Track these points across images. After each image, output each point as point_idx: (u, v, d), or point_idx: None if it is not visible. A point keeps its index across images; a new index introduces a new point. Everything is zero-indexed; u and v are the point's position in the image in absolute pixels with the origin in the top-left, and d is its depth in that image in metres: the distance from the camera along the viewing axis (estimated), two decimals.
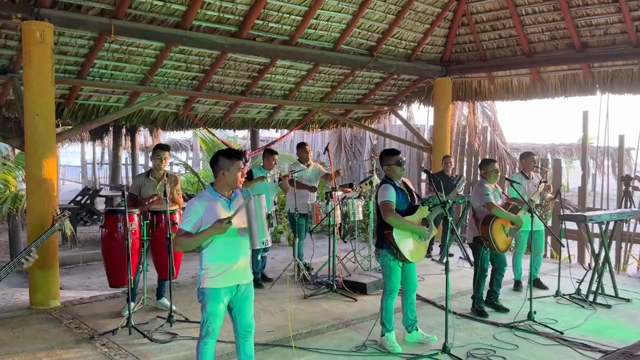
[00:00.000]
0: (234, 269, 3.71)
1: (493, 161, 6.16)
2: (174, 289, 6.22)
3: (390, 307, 4.93)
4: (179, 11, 6.99)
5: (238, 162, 3.73)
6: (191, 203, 3.72)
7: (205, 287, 3.69)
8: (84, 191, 15.57)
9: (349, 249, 8.37)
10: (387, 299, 4.92)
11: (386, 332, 4.93)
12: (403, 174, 4.97)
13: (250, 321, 3.86)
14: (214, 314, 3.67)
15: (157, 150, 6.04)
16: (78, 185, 23.70)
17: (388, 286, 4.91)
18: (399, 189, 4.89)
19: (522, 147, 17.21)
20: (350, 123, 11.50)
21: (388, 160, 4.93)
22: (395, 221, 4.72)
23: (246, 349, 3.88)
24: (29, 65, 5.89)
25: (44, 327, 5.39)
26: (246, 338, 3.86)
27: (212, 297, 3.67)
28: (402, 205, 4.85)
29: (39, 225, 5.97)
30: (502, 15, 9.11)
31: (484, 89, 10.42)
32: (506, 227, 5.85)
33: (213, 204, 3.68)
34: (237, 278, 3.74)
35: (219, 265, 3.68)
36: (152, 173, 6.05)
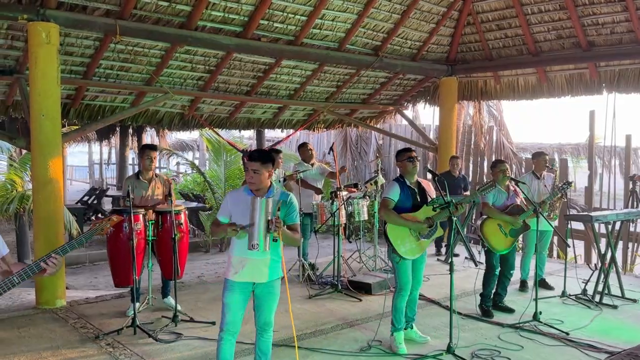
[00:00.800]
0: (248, 264, 3.76)
1: (501, 162, 6.12)
2: (179, 289, 6.23)
3: (401, 306, 4.92)
4: (184, 12, 7.01)
5: (247, 162, 3.86)
6: (226, 195, 4.14)
7: (225, 278, 3.86)
8: (91, 191, 15.63)
9: (354, 249, 8.37)
10: (397, 296, 4.92)
11: (395, 332, 4.93)
12: (415, 170, 4.96)
13: (268, 319, 3.89)
14: (228, 305, 3.77)
15: (146, 151, 5.99)
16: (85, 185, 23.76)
17: (398, 283, 4.94)
18: (406, 187, 4.90)
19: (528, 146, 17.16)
20: (355, 123, 11.49)
21: (401, 156, 4.99)
22: (386, 216, 4.82)
23: (262, 345, 3.94)
24: (34, 66, 5.92)
25: (49, 327, 5.42)
26: (262, 335, 3.92)
27: (228, 289, 3.81)
28: (406, 203, 4.87)
29: (44, 225, 6.02)
30: (508, 15, 9.07)
31: (490, 88, 10.39)
32: (504, 228, 5.83)
33: (240, 198, 3.81)
34: (252, 275, 3.77)
35: (239, 259, 3.79)
36: (141, 174, 6.00)
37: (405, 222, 4.81)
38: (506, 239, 5.86)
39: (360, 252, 8.06)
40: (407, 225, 4.81)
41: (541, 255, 7.02)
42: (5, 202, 8.39)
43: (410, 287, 4.99)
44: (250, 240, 3.62)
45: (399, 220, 4.81)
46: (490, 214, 5.82)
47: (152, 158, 5.97)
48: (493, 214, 5.82)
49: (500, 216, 5.82)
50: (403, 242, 4.82)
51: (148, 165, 5.94)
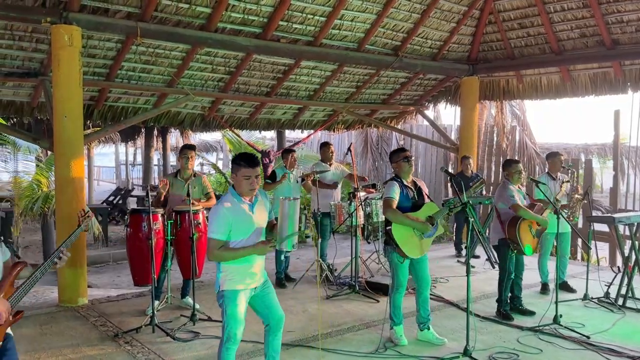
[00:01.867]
0: (252, 271, 3.72)
1: (516, 162, 6.04)
2: (198, 288, 6.29)
3: (398, 302, 5.04)
4: (204, 14, 7.08)
5: (244, 170, 3.61)
6: (219, 210, 3.61)
7: (225, 290, 3.68)
8: (117, 191, 15.89)
9: (372, 250, 8.35)
10: (394, 294, 5.03)
11: (394, 326, 5.06)
12: (411, 170, 5.03)
13: (281, 313, 3.88)
14: (234, 316, 3.66)
15: (184, 150, 6.18)
16: (112, 186, 24.18)
17: (395, 282, 5.01)
18: (404, 187, 4.96)
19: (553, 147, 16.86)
20: (375, 123, 11.46)
21: (396, 157, 5.04)
22: (393, 216, 4.82)
23: (275, 344, 3.88)
24: (57, 68, 6.04)
25: (70, 325, 5.53)
26: (277, 333, 3.87)
27: (232, 299, 3.66)
28: (406, 202, 4.92)
29: (67, 224, 6.12)
30: (530, 13, 8.96)
31: (512, 87, 10.27)
32: (532, 228, 5.75)
33: (239, 208, 3.65)
34: (254, 280, 3.76)
35: (238, 268, 3.67)
36: (180, 173, 6.15)
37: (411, 222, 4.83)
38: (534, 240, 5.79)
39: (378, 253, 8.03)
40: (413, 226, 4.83)
41: (562, 258, 6.91)
42: (31, 202, 8.58)
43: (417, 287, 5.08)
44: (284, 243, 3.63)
45: (405, 220, 4.82)
46: (525, 215, 5.68)
47: (189, 157, 6.10)
48: (528, 214, 5.70)
49: (534, 216, 5.72)
50: (407, 242, 4.84)
51: (185, 164, 6.09)
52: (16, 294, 2.95)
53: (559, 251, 6.85)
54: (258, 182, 3.68)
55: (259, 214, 3.76)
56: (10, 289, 2.94)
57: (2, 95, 7.35)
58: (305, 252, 10.06)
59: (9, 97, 7.43)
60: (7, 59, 6.80)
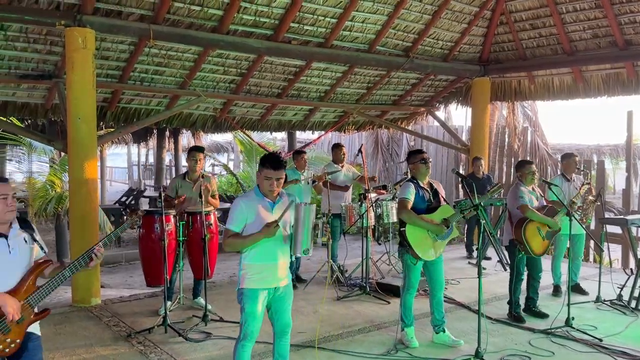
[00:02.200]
0: (273, 270, 3.73)
1: (529, 163, 6.01)
2: (210, 289, 6.33)
3: (409, 303, 5.05)
4: (216, 16, 7.12)
5: (266, 171, 3.67)
6: (236, 203, 3.75)
7: (244, 288, 3.72)
8: (129, 192, 16.01)
9: (383, 251, 8.35)
10: (405, 295, 5.04)
11: (405, 327, 5.05)
12: (428, 172, 5.02)
13: (288, 321, 3.88)
14: (253, 315, 3.69)
15: (192, 152, 6.20)
16: (124, 186, 24.37)
17: (406, 283, 5.03)
18: (420, 188, 4.95)
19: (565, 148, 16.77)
20: (386, 124, 11.46)
21: (413, 158, 5.04)
22: (407, 217, 4.82)
23: (281, 349, 3.90)
24: (71, 71, 6.10)
25: (84, 325, 5.59)
26: (282, 338, 3.89)
27: (251, 298, 3.69)
28: (421, 204, 4.91)
29: (80, 224, 6.19)
30: (542, 14, 8.91)
31: (524, 88, 10.23)
32: (542, 230, 5.72)
33: (257, 204, 3.71)
34: (276, 280, 3.76)
35: (258, 266, 3.70)
36: (188, 175, 6.19)
37: (426, 224, 4.83)
38: (543, 242, 5.75)
39: (389, 254, 8.04)
40: (427, 227, 4.82)
41: (576, 261, 6.87)
42: (45, 203, 8.67)
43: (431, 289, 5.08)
44: (299, 246, 3.62)
45: (419, 221, 4.82)
46: (532, 216, 5.67)
47: (198, 159, 6.12)
48: (535, 216, 5.69)
49: (542, 218, 5.70)
50: (421, 243, 4.84)
51: (193, 165, 6.11)
52: (37, 292, 2.98)
53: (572, 253, 6.78)
54: (279, 184, 3.70)
55: (279, 215, 3.71)
56: (31, 286, 2.98)
57: (17, 97, 7.44)
58: (315, 253, 10.03)
59: (24, 99, 7.52)
60: (22, 61, 6.88)
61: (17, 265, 2.99)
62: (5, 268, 2.94)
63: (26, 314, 2.96)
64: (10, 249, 2.98)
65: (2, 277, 2.92)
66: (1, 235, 2.98)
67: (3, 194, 2.96)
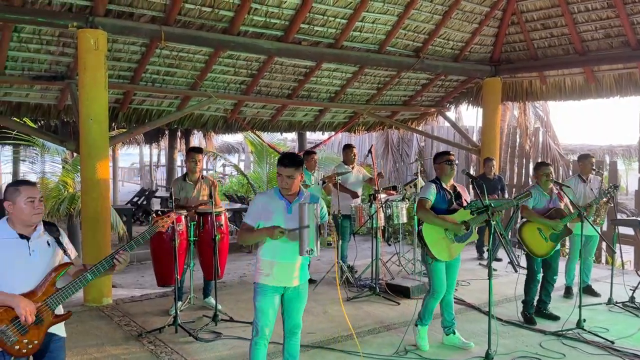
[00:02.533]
0: (285, 268, 3.75)
1: (545, 165, 5.92)
2: (220, 289, 6.36)
3: (431, 306, 4.98)
4: (227, 17, 7.15)
5: (278, 168, 3.76)
6: (255, 198, 3.92)
7: (257, 282, 3.80)
8: (141, 192, 16.11)
9: (393, 252, 8.34)
10: (429, 298, 4.97)
11: (420, 325, 5.01)
12: (453, 174, 4.96)
13: (298, 321, 3.89)
14: (262, 310, 3.73)
15: (190, 153, 6.20)
16: (137, 187, 24.51)
17: (432, 286, 4.94)
18: (442, 189, 4.90)
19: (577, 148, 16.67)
20: (396, 125, 11.44)
21: (440, 159, 4.99)
22: (424, 216, 4.80)
23: (290, 348, 3.92)
24: (83, 72, 6.15)
25: (95, 324, 5.64)
26: (292, 337, 3.90)
27: (261, 293, 3.75)
28: (442, 205, 4.87)
29: (92, 225, 6.25)
30: (554, 14, 8.86)
31: (536, 88, 10.18)
32: (544, 232, 5.68)
33: (272, 202, 3.75)
34: (287, 279, 3.77)
35: (270, 263, 3.74)
36: (187, 176, 6.19)
37: (444, 223, 4.79)
38: (546, 244, 5.70)
39: (399, 255, 8.03)
40: (445, 226, 4.79)
41: (587, 262, 6.82)
42: (57, 203, 8.74)
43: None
44: (304, 246, 3.60)
45: (437, 220, 4.79)
46: (529, 217, 5.69)
47: (197, 161, 6.12)
48: (532, 217, 5.69)
49: (539, 220, 5.68)
50: (437, 243, 4.81)
51: (193, 167, 6.12)
52: (56, 294, 3.01)
53: (584, 254, 6.75)
54: (291, 182, 3.71)
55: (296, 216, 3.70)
56: (50, 288, 3.01)
57: (30, 98, 7.52)
58: (325, 254, 10.05)
59: (37, 100, 7.60)
60: (35, 62, 6.95)
61: (37, 267, 3.02)
62: (25, 269, 2.98)
63: (45, 316, 2.98)
64: (30, 250, 3.01)
65: (22, 278, 2.96)
66: (23, 236, 3.02)
67: (30, 196, 3.00)
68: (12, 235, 3.00)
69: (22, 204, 2.98)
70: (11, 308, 2.87)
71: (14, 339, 2.88)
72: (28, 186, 3.06)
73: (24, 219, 3.00)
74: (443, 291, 4.92)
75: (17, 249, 2.98)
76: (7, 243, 2.97)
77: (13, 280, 2.93)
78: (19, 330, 2.89)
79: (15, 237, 2.99)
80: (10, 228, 3.01)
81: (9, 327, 2.87)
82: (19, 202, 2.99)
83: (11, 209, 3.00)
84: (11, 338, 2.88)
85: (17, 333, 2.89)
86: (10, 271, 2.94)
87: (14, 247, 2.97)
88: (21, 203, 2.98)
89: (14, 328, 2.88)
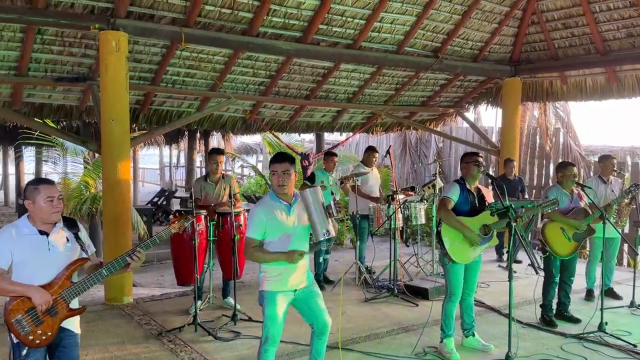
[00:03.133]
0: (291, 273, 3.73)
1: (572, 165, 5.84)
2: (239, 289, 6.39)
3: (451, 312, 4.87)
4: (246, 18, 7.20)
5: (272, 165, 3.72)
6: (253, 211, 3.74)
7: (264, 290, 3.75)
8: (161, 192, 16.27)
9: (411, 253, 8.31)
10: (447, 302, 4.87)
11: (445, 338, 4.87)
12: (479, 176, 4.86)
13: (326, 320, 3.84)
14: (272, 317, 3.70)
15: (212, 155, 6.28)
16: (157, 187, 24.75)
17: (448, 289, 4.87)
18: (466, 190, 4.83)
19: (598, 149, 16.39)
20: (414, 126, 11.40)
21: (468, 158, 4.90)
22: (445, 217, 4.73)
23: (318, 347, 3.89)
24: (105, 73, 6.24)
25: (116, 322, 5.70)
26: (321, 336, 3.88)
27: (270, 300, 3.71)
28: (464, 206, 4.79)
29: (113, 225, 6.32)
30: (575, 13, 8.77)
31: (556, 89, 10.07)
32: (567, 232, 5.62)
33: (274, 210, 3.69)
34: (294, 282, 3.76)
35: (276, 269, 3.71)
36: (209, 176, 6.27)
37: (462, 228, 4.70)
38: (569, 244, 5.64)
39: (417, 256, 7.99)
40: (462, 232, 4.71)
41: (609, 264, 6.73)
42: (80, 203, 8.87)
43: (462, 292, 4.92)
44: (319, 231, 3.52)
45: (456, 223, 4.72)
46: (553, 216, 5.62)
47: (218, 162, 6.20)
48: (556, 217, 5.62)
49: (563, 219, 5.61)
50: (456, 245, 4.74)
51: (214, 168, 6.20)
52: (71, 288, 3.10)
53: (606, 256, 6.64)
54: (287, 178, 3.67)
55: (298, 215, 3.74)
56: (66, 282, 3.10)
57: (52, 99, 7.65)
58: (343, 255, 10.09)
59: (59, 101, 7.72)
60: (57, 64, 7.07)
61: (55, 261, 3.11)
62: (44, 264, 3.08)
63: (59, 308, 3.07)
64: (49, 246, 3.11)
65: (40, 272, 3.06)
66: (43, 232, 3.12)
67: (49, 196, 3.10)
68: (32, 231, 3.11)
69: (42, 202, 3.09)
70: (28, 299, 2.98)
71: (29, 329, 2.98)
72: (47, 185, 3.16)
73: (43, 217, 3.11)
74: (459, 294, 4.86)
75: (37, 245, 3.09)
76: (28, 239, 3.08)
77: (32, 274, 3.04)
78: (33, 321, 2.99)
79: (35, 234, 3.11)
80: (31, 224, 3.12)
81: (24, 317, 2.97)
82: (38, 201, 3.09)
83: (31, 207, 3.11)
84: (26, 328, 2.98)
85: (31, 323, 2.99)
86: (30, 265, 3.05)
87: (34, 242, 3.09)
88: (40, 202, 3.09)
89: (29, 318, 2.98)
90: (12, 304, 2.97)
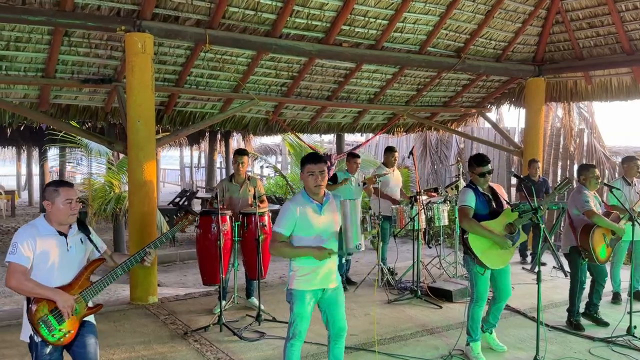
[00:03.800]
0: (320, 272, 3.75)
1: (593, 167, 5.78)
2: (263, 289, 6.41)
3: (478, 316, 4.81)
4: (270, 20, 7.22)
5: (308, 166, 3.73)
6: (287, 206, 3.76)
7: (292, 289, 3.78)
8: (182, 193, 16.31)
9: (433, 255, 8.26)
10: (473, 307, 4.79)
11: (471, 342, 4.82)
12: (486, 184, 4.79)
13: (343, 325, 3.88)
14: (301, 315, 3.74)
15: (237, 156, 6.33)
16: (177, 188, 24.96)
17: (474, 294, 4.79)
18: (480, 194, 4.74)
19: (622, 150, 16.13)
20: (436, 126, 11.34)
21: (473, 168, 4.80)
22: (469, 226, 4.63)
23: (335, 352, 3.92)
24: (131, 75, 6.30)
25: (142, 322, 5.76)
26: (337, 342, 3.90)
27: (299, 299, 3.75)
28: (483, 210, 4.70)
29: (139, 225, 6.38)
30: (600, 12, 8.64)
31: (581, 89, 9.95)
32: (607, 237, 5.52)
33: (306, 209, 3.72)
34: (323, 282, 3.78)
35: (306, 268, 3.74)
36: (234, 177, 6.31)
37: (490, 235, 4.60)
38: (607, 249, 5.55)
39: (440, 258, 7.94)
40: (491, 238, 4.61)
41: (638, 267, 6.61)
42: (104, 203, 8.98)
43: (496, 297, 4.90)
44: (350, 243, 3.62)
45: (483, 231, 4.60)
46: (600, 222, 5.45)
47: (242, 162, 6.24)
48: (603, 222, 5.46)
49: (609, 224, 5.47)
50: (487, 252, 4.63)
51: (238, 169, 6.24)
52: (91, 288, 3.24)
53: (634, 260, 6.54)
54: (323, 178, 3.71)
55: (328, 216, 3.77)
56: (85, 282, 3.24)
57: (78, 100, 7.75)
58: (365, 256, 10.06)
59: (85, 102, 7.82)
60: (84, 66, 7.16)
61: (73, 261, 3.25)
62: (65, 264, 3.20)
63: (80, 307, 3.19)
64: (68, 247, 3.23)
65: (62, 272, 3.19)
66: (62, 234, 3.23)
67: (68, 198, 3.20)
68: (51, 232, 3.20)
69: (61, 204, 3.18)
70: (52, 301, 3.08)
71: (53, 328, 3.09)
72: (66, 187, 3.25)
73: (61, 218, 3.20)
74: (486, 298, 4.79)
75: (57, 245, 3.19)
76: (48, 239, 3.17)
77: (52, 273, 3.15)
78: (56, 320, 3.10)
79: (55, 234, 3.20)
80: (49, 225, 3.21)
81: (49, 316, 3.09)
82: (57, 203, 3.18)
83: (50, 208, 3.20)
84: (50, 327, 3.09)
85: (55, 323, 3.10)
86: (51, 265, 3.15)
87: (54, 243, 3.18)
88: (59, 204, 3.18)
89: (53, 318, 3.10)
90: (38, 305, 3.07)
